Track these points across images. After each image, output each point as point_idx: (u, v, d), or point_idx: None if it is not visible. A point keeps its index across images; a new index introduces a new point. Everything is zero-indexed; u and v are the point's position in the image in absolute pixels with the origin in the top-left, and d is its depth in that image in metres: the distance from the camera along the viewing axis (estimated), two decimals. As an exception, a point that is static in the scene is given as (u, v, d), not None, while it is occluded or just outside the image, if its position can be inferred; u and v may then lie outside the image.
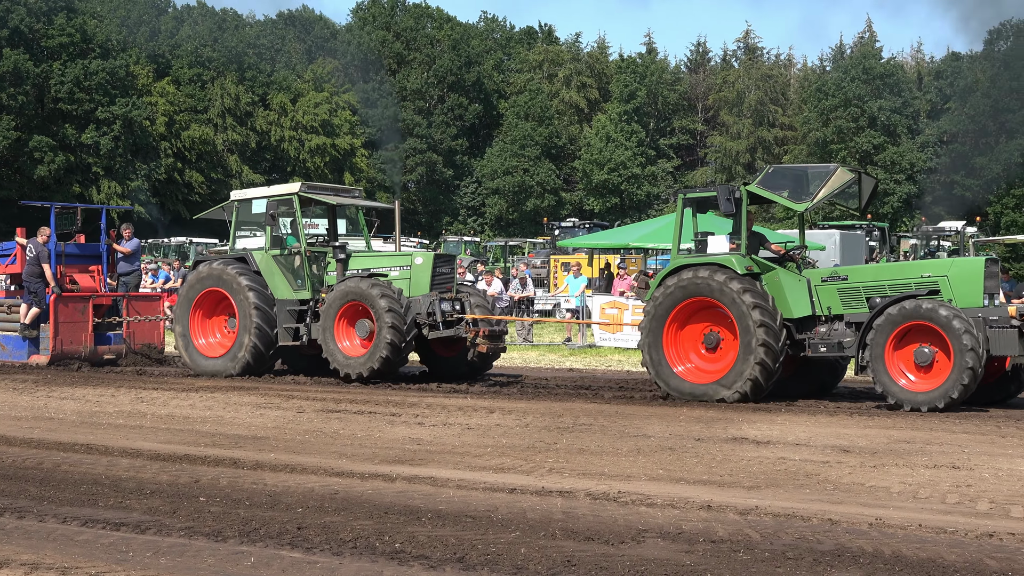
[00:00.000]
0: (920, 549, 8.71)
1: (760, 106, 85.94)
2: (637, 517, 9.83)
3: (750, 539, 9.05)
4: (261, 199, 23.00)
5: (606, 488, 11.01)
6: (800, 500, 10.53)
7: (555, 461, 12.66)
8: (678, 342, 18.93)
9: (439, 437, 14.55)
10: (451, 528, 9.45)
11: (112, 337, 24.97)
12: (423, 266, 21.58)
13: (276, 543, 9.03)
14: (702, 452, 13.28)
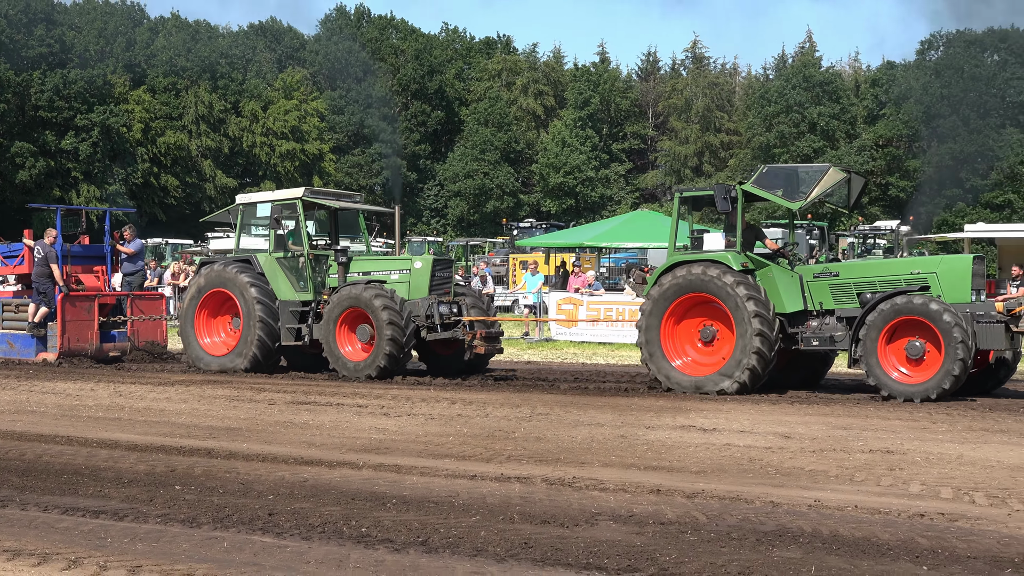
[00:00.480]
0: (856, 529, 8.77)
1: (707, 112, 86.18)
2: (591, 501, 9.85)
3: (697, 521, 9.09)
4: (266, 203, 22.85)
5: (561, 474, 11.03)
6: (744, 484, 10.58)
7: (513, 449, 12.67)
8: (675, 336, 18.78)
9: (404, 427, 14.53)
10: (415, 513, 9.45)
11: (116, 335, 24.72)
12: (422, 270, 21.36)
13: (248, 528, 9.00)
14: (652, 440, 13.32)
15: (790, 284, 18.56)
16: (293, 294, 21.82)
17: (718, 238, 19.16)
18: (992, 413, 15.89)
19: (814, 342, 18.27)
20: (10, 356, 24.27)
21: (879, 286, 18.04)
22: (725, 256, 18.40)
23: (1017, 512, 9.37)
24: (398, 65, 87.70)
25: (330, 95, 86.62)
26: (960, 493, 10.14)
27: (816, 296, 18.47)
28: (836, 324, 18.20)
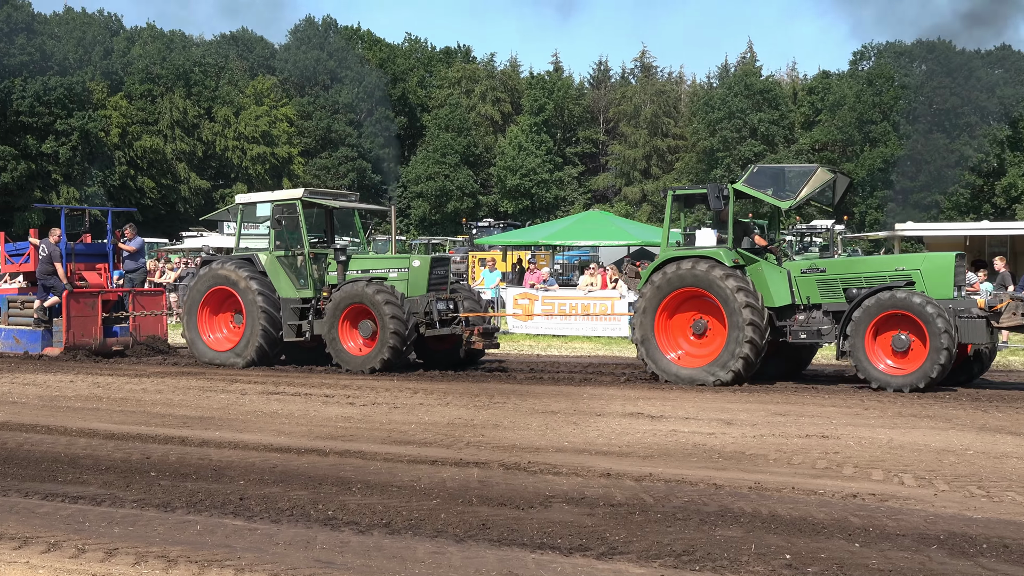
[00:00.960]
0: (793, 509, 8.82)
1: (655, 118, 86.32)
2: (545, 484, 9.85)
3: (644, 502, 9.11)
4: (265, 203, 22.35)
5: (517, 459, 11.03)
6: (689, 467, 10.62)
7: (472, 436, 12.66)
8: (668, 330, 18.58)
9: (368, 415, 14.50)
10: (379, 497, 9.42)
11: (118, 330, 24.26)
12: (420, 268, 21.00)
13: (220, 512, 8.96)
14: (603, 426, 13.35)
15: (778, 279, 18.38)
16: (294, 291, 21.43)
17: (710, 234, 18.94)
18: (920, 400, 16.03)
19: (802, 335, 18.11)
20: (16, 351, 23.81)
21: (865, 282, 17.90)
22: (717, 252, 18.25)
23: (943, 492, 9.45)
24: (363, 73, 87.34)
25: (299, 101, 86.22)
26: (890, 475, 10.21)
27: (803, 291, 18.32)
28: (823, 318, 18.05)
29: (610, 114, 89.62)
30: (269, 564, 7.42)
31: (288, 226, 21.53)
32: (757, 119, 79.34)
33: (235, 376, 19.55)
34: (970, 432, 12.82)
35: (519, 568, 7.32)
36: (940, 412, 14.62)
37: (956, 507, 8.89)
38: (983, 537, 7.92)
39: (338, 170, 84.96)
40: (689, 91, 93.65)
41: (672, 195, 19.35)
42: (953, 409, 14.94)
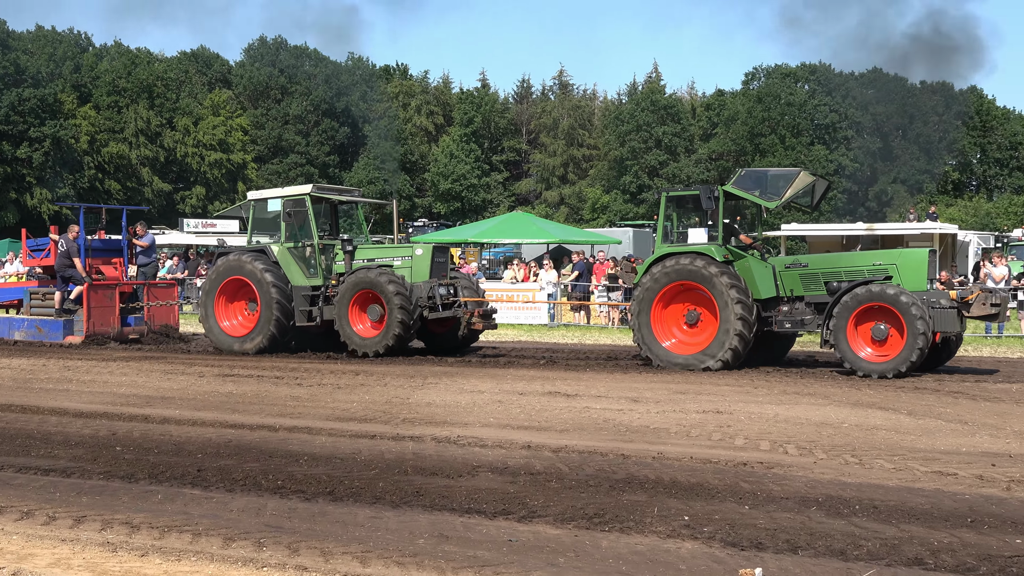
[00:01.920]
0: (691, 476, 8.90)
1: (571, 130, 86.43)
2: (472, 456, 9.86)
3: (561, 471, 9.14)
4: (276, 199, 21.65)
5: (448, 433, 11.02)
6: (600, 440, 10.68)
7: (408, 413, 12.63)
8: (663, 320, 18.17)
9: (315, 395, 14.40)
10: (323, 468, 9.37)
11: (132, 320, 23.48)
12: (423, 256, 20.49)
13: (180, 483, 8.85)
14: (524, 404, 13.37)
15: (764, 273, 18.05)
16: (304, 280, 20.85)
17: (701, 233, 18.45)
18: (803, 379, 16.24)
19: (786, 324, 17.78)
20: (39, 339, 22.97)
21: (844, 276, 17.51)
22: (709, 249, 17.87)
23: (821, 460, 9.59)
24: (311, 88, 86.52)
25: (252, 112, 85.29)
26: (776, 445, 10.34)
27: (787, 284, 18.00)
28: (805, 309, 17.73)
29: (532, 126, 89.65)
30: (224, 529, 7.35)
31: (297, 219, 20.99)
32: (661, 131, 79.79)
33: (193, 360, 19.30)
34: (845, 407, 13.02)
35: (448, 530, 7.31)
36: (819, 390, 14.82)
37: (833, 473, 9.02)
38: (856, 499, 8.04)
39: (288, 175, 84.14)
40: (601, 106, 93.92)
41: (666, 196, 18.94)
42: (831, 388, 15.15)
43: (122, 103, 77.07)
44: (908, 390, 14.83)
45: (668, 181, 78.47)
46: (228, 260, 21.35)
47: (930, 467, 9.19)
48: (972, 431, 11.23)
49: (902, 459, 9.56)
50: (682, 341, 18.16)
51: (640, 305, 18.15)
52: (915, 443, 10.47)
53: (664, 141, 79.91)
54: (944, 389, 14.87)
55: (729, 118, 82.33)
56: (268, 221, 22.39)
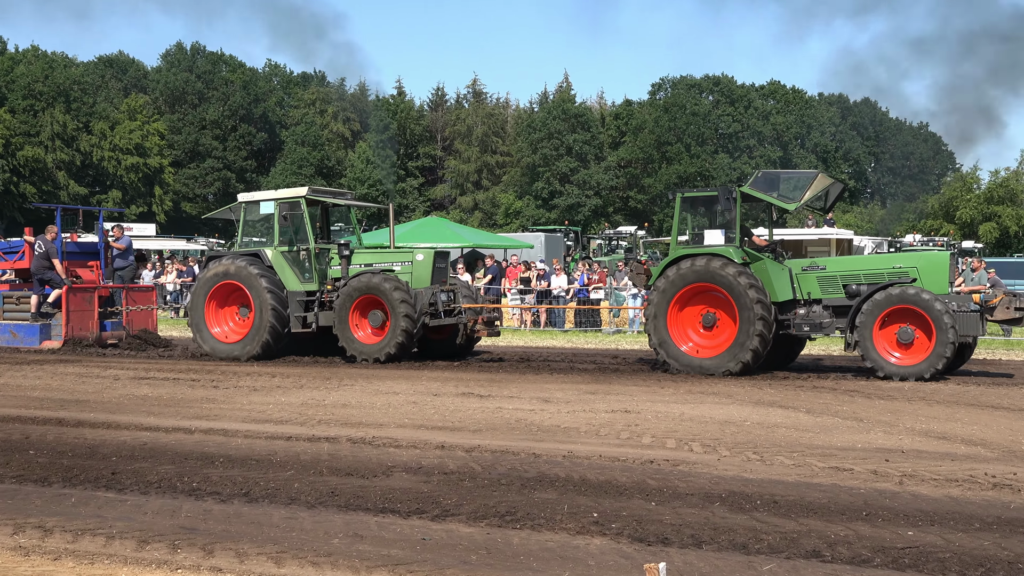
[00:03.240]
0: (600, 474, 8.93)
1: (485, 137, 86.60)
2: (387, 456, 9.79)
3: (473, 470, 9.11)
4: (268, 201, 20.65)
5: (363, 434, 10.93)
6: (512, 440, 10.66)
7: (323, 414, 12.50)
8: (679, 323, 17.43)
9: (230, 397, 14.18)
10: (239, 469, 9.23)
11: (109, 324, 22.48)
12: (424, 262, 19.69)
13: (94, 486, 8.64)
14: (438, 405, 13.32)
15: (781, 276, 17.38)
16: (299, 285, 20.00)
17: (718, 235, 17.62)
18: (707, 379, 16.40)
19: (804, 327, 17.15)
20: (14, 344, 21.82)
21: (864, 279, 16.99)
22: (726, 250, 17.13)
23: (725, 457, 9.69)
24: (228, 94, 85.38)
25: (169, 117, 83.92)
26: (681, 443, 10.42)
27: (804, 287, 17.38)
28: (823, 312, 17.11)
29: (446, 133, 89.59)
30: (138, 531, 7.19)
31: (293, 223, 20.17)
32: (572, 139, 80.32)
33: (109, 363, 18.88)
34: (747, 406, 13.19)
35: (363, 530, 7.25)
36: (723, 390, 14.99)
37: (735, 470, 9.13)
38: (757, 495, 8.14)
39: (205, 179, 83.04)
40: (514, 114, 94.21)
41: (680, 197, 18.10)
42: (734, 387, 15.33)
43: (38, 107, 75.26)
44: (807, 389, 15.08)
45: (578, 187, 79.02)
46: (220, 264, 20.40)
47: (827, 463, 9.35)
48: (867, 428, 11.45)
49: (801, 455, 9.71)
50: (699, 344, 17.44)
51: (656, 308, 17.38)
52: (813, 440, 10.64)
53: (575, 148, 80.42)
54: (841, 388, 15.16)
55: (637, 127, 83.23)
56: (258, 224, 21.64)
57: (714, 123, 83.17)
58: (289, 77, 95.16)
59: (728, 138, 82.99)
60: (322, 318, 19.70)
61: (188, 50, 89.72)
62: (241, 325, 20.45)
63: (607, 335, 27.67)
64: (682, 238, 18.30)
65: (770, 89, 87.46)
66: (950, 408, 13.10)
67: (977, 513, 7.62)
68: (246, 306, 20.24)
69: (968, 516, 7.53)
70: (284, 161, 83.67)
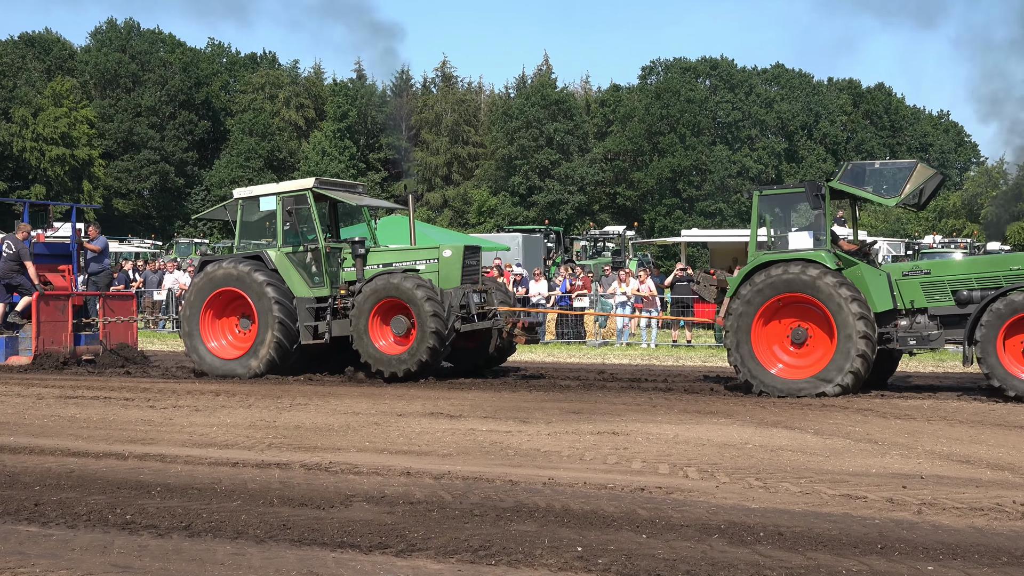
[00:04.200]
0: (585, 503, 8.93)
1: (455, 126, 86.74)
2: (346, 484, 9.76)
3: (443, 500, 9.10)
4: (269, 196, 20.09)
5: (319, 459, 10.90)
6: (486, 465, 10.65)
7: (274, 437, 12.46)
8: (763, 338, 16.84)
9: (169, 418, 14.12)
10: (179, 499, 9.18)
11: (83, 337, 21.84)
12: (452, 259, 19.25)
13: (14, 519, 8.57)
14: (403, 426, 13.30)
15: (879, 283, 16.77)
16: (308, 290, 19.49)
17: (805, 237, 17.10)
18: (704, 397, 16.48)
19: (910, 341, 16.55)
20: None
21: (976, 283, 16.38)
22: (819, 255, 16.61)
23: (724, 484, 9.72)
24: (166, 77, 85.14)
25: (100, 103, 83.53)
26: (675, 468, 10.44)
27: (906, 295, 16.71)
28: (929, 323, 16.49)
29: (412, 121, 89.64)
30: (64, 570, 7.14)
31: (299, 220, 19.73)
32: (553, 129, 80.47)
33: (31, 380, 18.76)
34: (749, 427, 13.24)
35: (319, 567, 7.22)
36: (722, 408, 15.04)
37: (736, 498, 9.15)
38: (760, 526, 8.17)
39: (140, 173, 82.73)
40: (488, 100, 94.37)
41: (759, 196, 17.68)
42: (734, 406, 15.39)
43: (-51, 91, 74.88)
44: (815, 408, 15.15)
45: (560, 182, 79.14)
46: (217, 269, 19.78)
47: (838, 490, 9.38)
48: (882, 451, 11.51)
49: (809, 482, 9.75)
50: (789, 364, 16.89)
51: (738, 321, 16.81)
52: (822, 464, 10.69)
53: (556, 139, 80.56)
54: (853, 406, 15.23)
55: (625, 115, 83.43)
56: (257, 224, 21.07)
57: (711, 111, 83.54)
58: (235, 58, 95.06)
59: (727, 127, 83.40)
60: (336, 327, 19.19)
61: (121, 27, 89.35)
62: (242, 338, 19.95)
63: (592, 347, 27.73)
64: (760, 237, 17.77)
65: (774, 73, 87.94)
66: (975, 429, 13.19)
67: (1005, 546, 7.67)
68: (247, 316, 19.76)
69: (995, 549, 7.58)
70: (230, 152, 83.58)
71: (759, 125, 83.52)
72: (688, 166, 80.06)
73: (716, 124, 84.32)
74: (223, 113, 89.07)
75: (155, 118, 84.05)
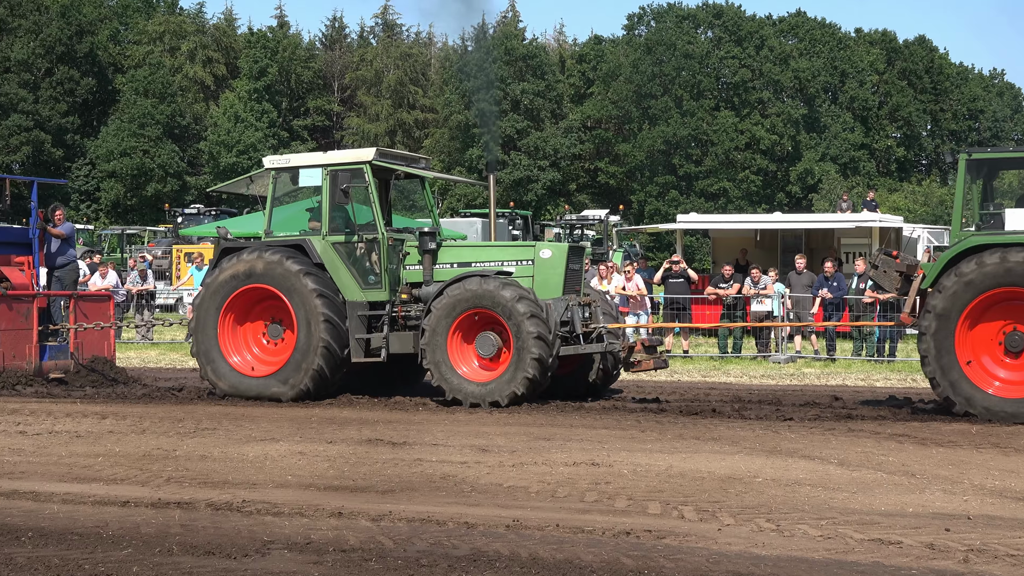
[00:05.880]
0: (557, 550, 8.95)
1: (400, 87, 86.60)
2: (263, 527, 9.74)
3: (383, 547, 9.10)
4: (314, 168, 19.32)
5: (229, 497, 10.87)
6: (436, 503, 10.66)
7: (174, 470, 12.42)
8: (968, 344, 16.18)
9: (44, 446, 14.04)
10: (55, 547, 9.13)
11: (47, 348, 20.79)
12: (553, 261, 18.52)
13: None
14: (334, 456, 13.29)
15: None
16: (359, 292, 18.78)
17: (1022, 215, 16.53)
18: (704, 420, 16.54)
19: None
20: None
21: None
22: None
23: (728, 527, 9.76)
24: (41, 24, 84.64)
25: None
26: (668, 508, 10.48)
27: None
28: None
29: (347, 80, 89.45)
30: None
31: (355, 200, 18.95)
32: (520, 90, 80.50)
33: None
34: (759, 456, 13.29)
35: (229, 631, 7.22)
36: (726, 433, 15.09)
37: (742, 544, 9.19)
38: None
39: (9, 142, 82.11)
40: (440, 55, 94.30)
41: (966, 160, 16.91)
42: (740, 430, 15.45)
43: None
44: (839, 433, 15.23)
45: (528, 156, 79.18)
46: (241, 261, 18.91)
47: (867, 534, 9.44)
48: (921, 485, 11.58)
49: (831, 524, 9.80)
50: (1003, 379, 16.32)
51: (938, 321, 16.21)
52: (848, 502, 10.75)
53: (523, 102, 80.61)
54: (885, 431, 15.32)
55: (609, 74, 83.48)
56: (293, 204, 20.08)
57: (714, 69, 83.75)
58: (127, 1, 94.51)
59: (734, 89, 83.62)
60: (396, 341, 18.57)
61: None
62: (271, 351, 19.35)
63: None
64: None
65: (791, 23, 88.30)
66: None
67: (1068, 600, 7.74)
68: (279, 322, 19.21)
69: (1056, 604, 7.65)
70: (120, 118, 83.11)
71: (772, 86, 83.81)
72: (685, 136, 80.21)
73: (720, 85, 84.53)
74: (112, 69, 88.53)
75: (27, 75, 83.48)
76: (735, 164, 79.85)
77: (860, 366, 26.06)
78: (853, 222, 36.82)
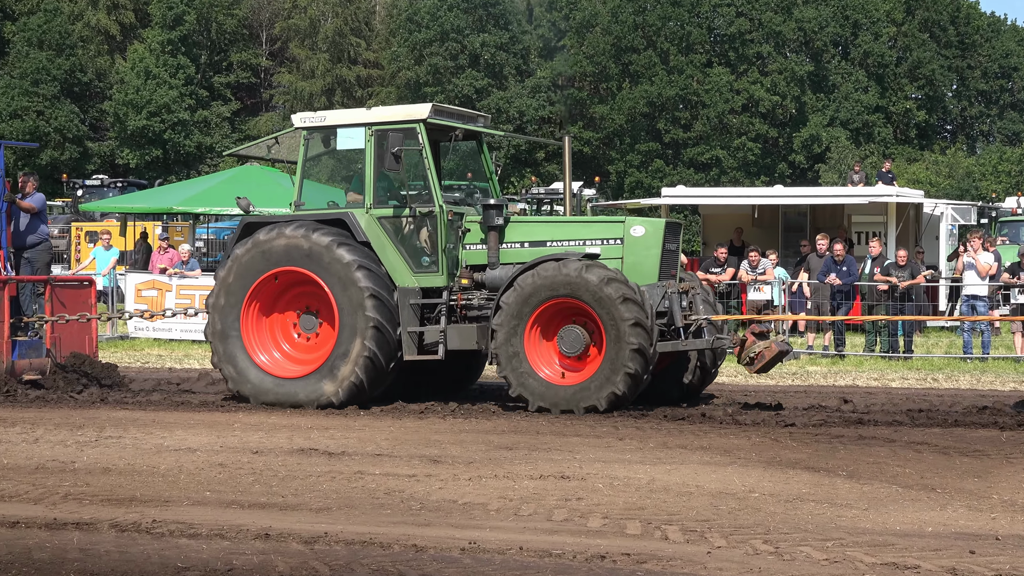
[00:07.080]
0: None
1: (339, 38, 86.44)
2: (176, 552, 9.73)
3: (317, 574, 9.10)
4: (356, 126, 18.99)
5: (137, 517, 10.85)
6: (380, 523, 10.68)
7: (72, 484, 12.39)
8: None
9: (-81, 458, 14.01)
10: (-69, 576, 9.12)
11: (17, 344, 20.00)
12: (647, 240, 18.11)
13: None
14: (261, 468, 13.28)
15: None
16: (411, 277, 18.42)
17: None
18: (692, 425, 16.58)
19: None
20: None
21: None
22: None
23: (718, 549, 9.79)
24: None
25: None
26: (650, 527, 10.51)
27: None
28: None
29: (276, 31, 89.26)
30: None
31: (403, 166, 18.42)
32: (479, 43, 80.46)
33: None
34: (755, 468, 13.34)
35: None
36: (718, 442, 15.13)
37: (735, 569, 9.22)
38: (769, 608, 8.27)
39: None
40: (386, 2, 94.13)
41: None
42: (734, 437, 15.49)
43: None
44: (849, 440, 15.29)
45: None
46: (270, 237, 18.45)
47: (879, 557, 9.49)
48: (942, 501, 11.65)
49: (838, 545, 9.85)
50: None
51: None
52: (858, 521, 10.80)
53: (484, 57, 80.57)
54: (901, 439, 15.39)
55: (583, 24, 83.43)
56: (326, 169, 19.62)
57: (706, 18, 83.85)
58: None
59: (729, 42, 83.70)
60: (455, 335, 18.22)
61: None
62: (306, 347, 18.99)
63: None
64: None
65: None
66: (1071, 469, 13.40)
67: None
68: (313, 312, 18.88)
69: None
70: (10, 73, 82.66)
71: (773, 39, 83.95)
72: (672, 97, 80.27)
73: (713, 37, 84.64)
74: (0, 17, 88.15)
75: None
76: (730, 129, 79.90)
77: (872, 364, 26.15)
78: (866, 197, 36.67)
